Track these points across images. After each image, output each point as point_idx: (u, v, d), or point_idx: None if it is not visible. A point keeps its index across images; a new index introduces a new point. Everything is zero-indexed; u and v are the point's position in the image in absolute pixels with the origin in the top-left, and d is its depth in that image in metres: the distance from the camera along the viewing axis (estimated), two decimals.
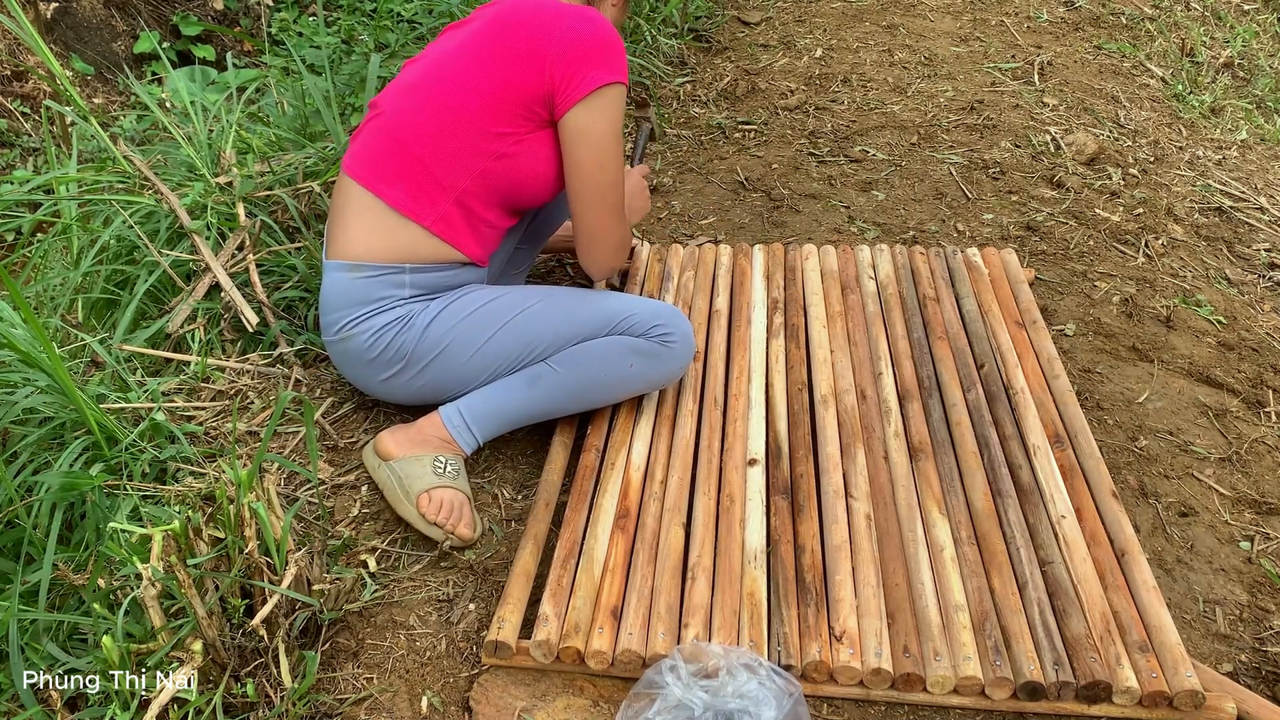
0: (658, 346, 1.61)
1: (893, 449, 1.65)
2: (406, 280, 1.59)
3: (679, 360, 1.64)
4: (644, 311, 1.61)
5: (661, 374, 1.65)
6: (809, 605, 1.37)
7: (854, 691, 1.31)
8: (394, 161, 1.57)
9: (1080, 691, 1.28)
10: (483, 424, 1.61)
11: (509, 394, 1.59)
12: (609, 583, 1.41)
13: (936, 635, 1.33)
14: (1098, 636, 1.33)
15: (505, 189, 1.60)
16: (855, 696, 1.32)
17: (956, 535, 1.49)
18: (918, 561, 1.44)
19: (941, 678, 1.28)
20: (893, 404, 1.74)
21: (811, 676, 1.31)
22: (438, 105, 1.56)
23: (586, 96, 1.51)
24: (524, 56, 1.52)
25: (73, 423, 1.56)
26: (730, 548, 1.46)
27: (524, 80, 1.52)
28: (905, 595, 1.39)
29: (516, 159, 1.57)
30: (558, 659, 1.33)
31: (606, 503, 1.54)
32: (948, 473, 1.61)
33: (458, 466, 1.59)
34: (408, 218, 1.56)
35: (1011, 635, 1.33)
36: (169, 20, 4.37)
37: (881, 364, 1.84)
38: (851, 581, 1.40)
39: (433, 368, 1.60)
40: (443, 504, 1.53)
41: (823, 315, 1.99)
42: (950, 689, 1.29)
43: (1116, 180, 2.64)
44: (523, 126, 1.55)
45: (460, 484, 1.57)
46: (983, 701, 1.30)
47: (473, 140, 1.55)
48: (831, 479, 1.58)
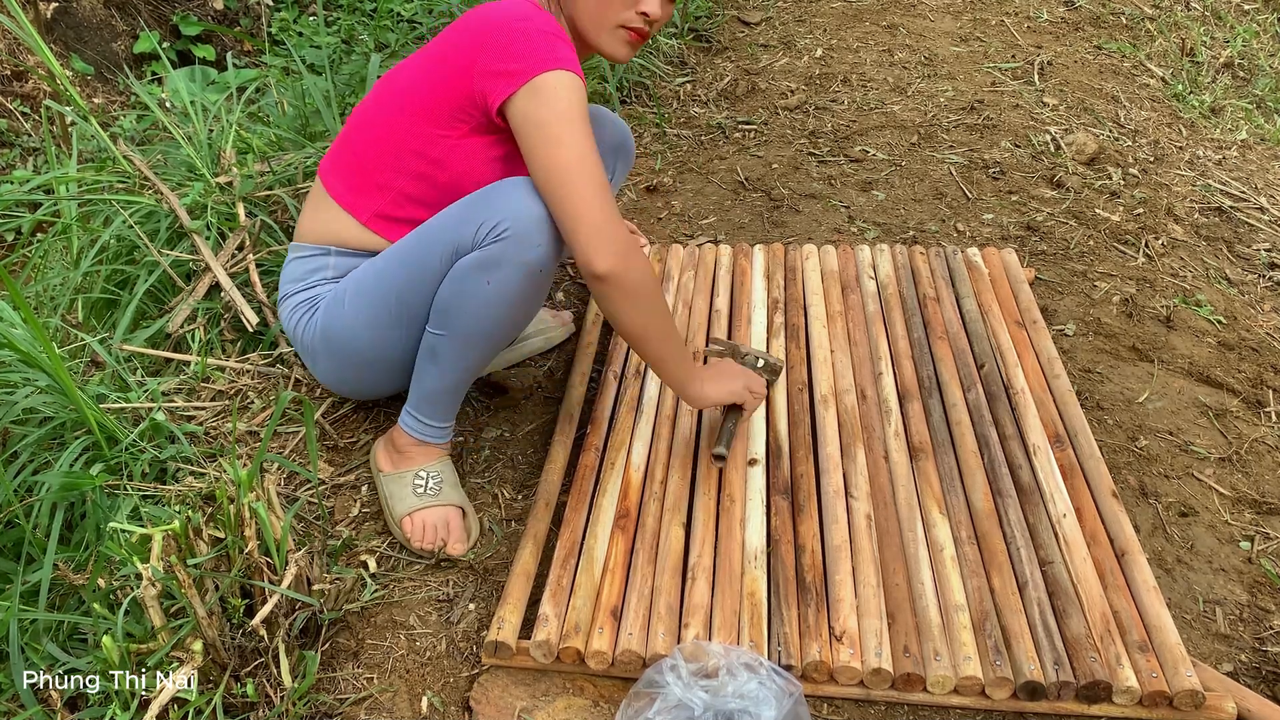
0: (495, 248, 1.37)
1: (893, 449, 1.65)
2: (331, 263, 1.58)
3: (527, 247, 1.37)
4: (467, 221, 1.39)
5: (524, 273, 1.39)
6: (809, 605, 1.37)
7: (854, 691, 1.31)
8: (343, 156, 1.58)
9: (1080, 691, 1.28)
10: (429, 411, 1.54)
11: (424, 377, 1.52)
12: (609, 583, 1.41)
13: (937, 635, 1.33)
14: (1098, 636, 1.33)
15: (442, 190, 1.52)
16: (855, 696, 1.32)
17: (956, 535, 1.49)
18: (918, 561, 1.44)
19: (942, 678, 1.28)
20: (893, 404, 1.74)
21: (812, 677, 1.31)
22: (384, 104, 1.54)
23: (518, 90, 1.37)
24: (452, 55, 1.46)
25: (73, 423, 1.56)
26: (730, 548, 1.46)
27: (453, 80, 1.45)
28: (905, 595, 1.39)
29: (451, 161, 1.49)
30: (558, 659, 1.33)
31: (606, 503, 1.54)
32: (948, 472, 1.61)
33: (440, 478, 1.55)
34: (344, 209, 1.56)
35: (1011, 635, 1.33)
36: (169, 20, 4.37)
37: (882, 364, 1.84)
38: (851, 581, 1.41)
39: (331, 351, 1.56)
40: (425, 528, 1.52)
41: (823, 315, 1.99)
42: (950, 689, 1.29)
43: (1116, 180, 2.64)
44: (458, 129, 1.47)
45: (445, 498, 1.54)
46: (983, 701, 1.30)
47: (410, 140, 1.50)
48: (832, 479, 1.58)
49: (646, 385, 1.80)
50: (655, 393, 1.76)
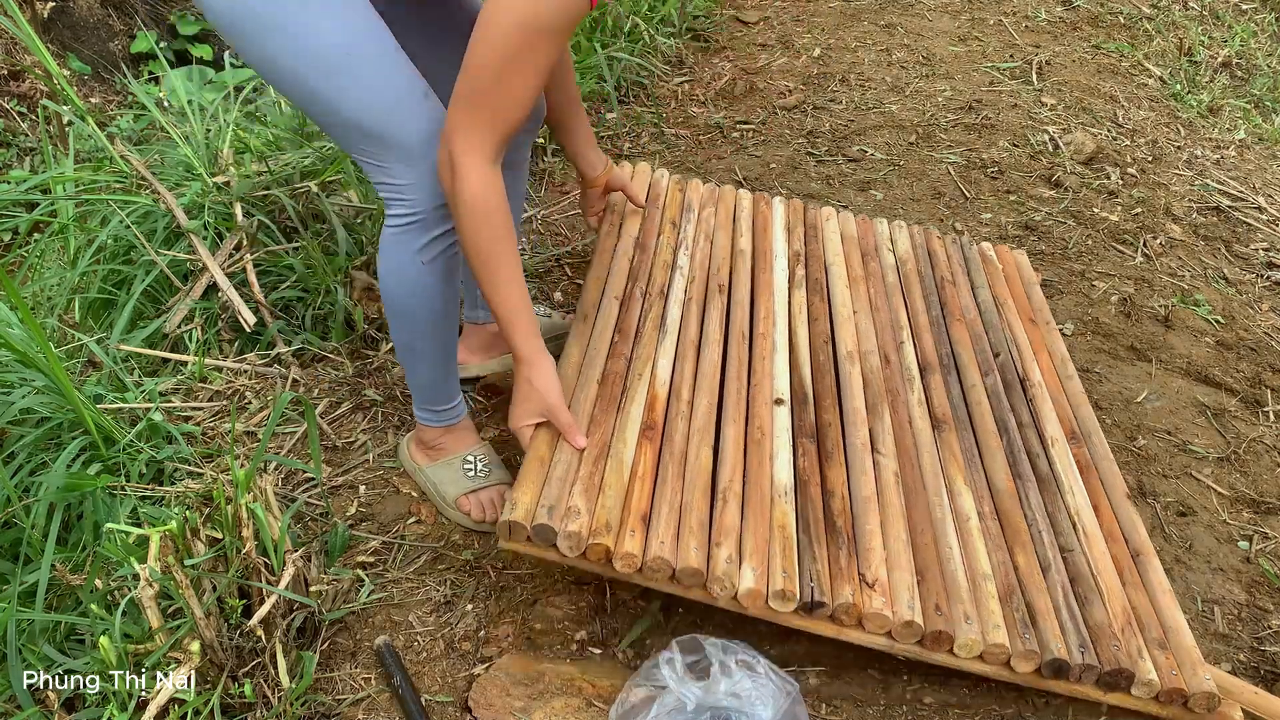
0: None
1: (916, 415, 1.60)
2: None
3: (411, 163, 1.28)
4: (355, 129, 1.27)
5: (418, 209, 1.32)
6: (840, 549, 1.33)
7: (879, 642, 1.28)
8: None
9: (1103, 677, 1.25)
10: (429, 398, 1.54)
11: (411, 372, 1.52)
12: (638, 489, 1.35)
13: (965, 599, 1.30)
14: (1119, 627, 1.31)
15: None
16: (878, 648, 1.28)
17: (980, 509, 1.45)
18: (944, 526, 1.40)
19: (971, 641, 1.25)
20: (914, 373, 1.68)
21: (840, 619, 1.28)
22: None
23: None
24: None
25: (70, 423, 1.56)
26: (760, 479, 1.41)
27: None
28: (934, 556, 1.36)
29: None
30: (584, 556, 1.27)
31: (634, 411, 1.47)
32: (968, 448, 1.56)
33: (488, 460, 1.59)
34: None
35: (1037, 612, 1.30)
36: (166, 19, 4.36)
37: (903, 334, 1.78)
38: (881, 534, 1.36)
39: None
40: (484, 506, 1.56)
41: (844, 276, 1.89)
42: (976, 654, 1.26)
43: (1115, 180, 2.64)
44: None
45: (495, 478, 1.59)
46: (1002, 672, 1.27)
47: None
48: (859, 432, 1.53)
49: (669, 307, 1.70)
50: (677, 314, 1.68)
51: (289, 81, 1.27)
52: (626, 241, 1.83)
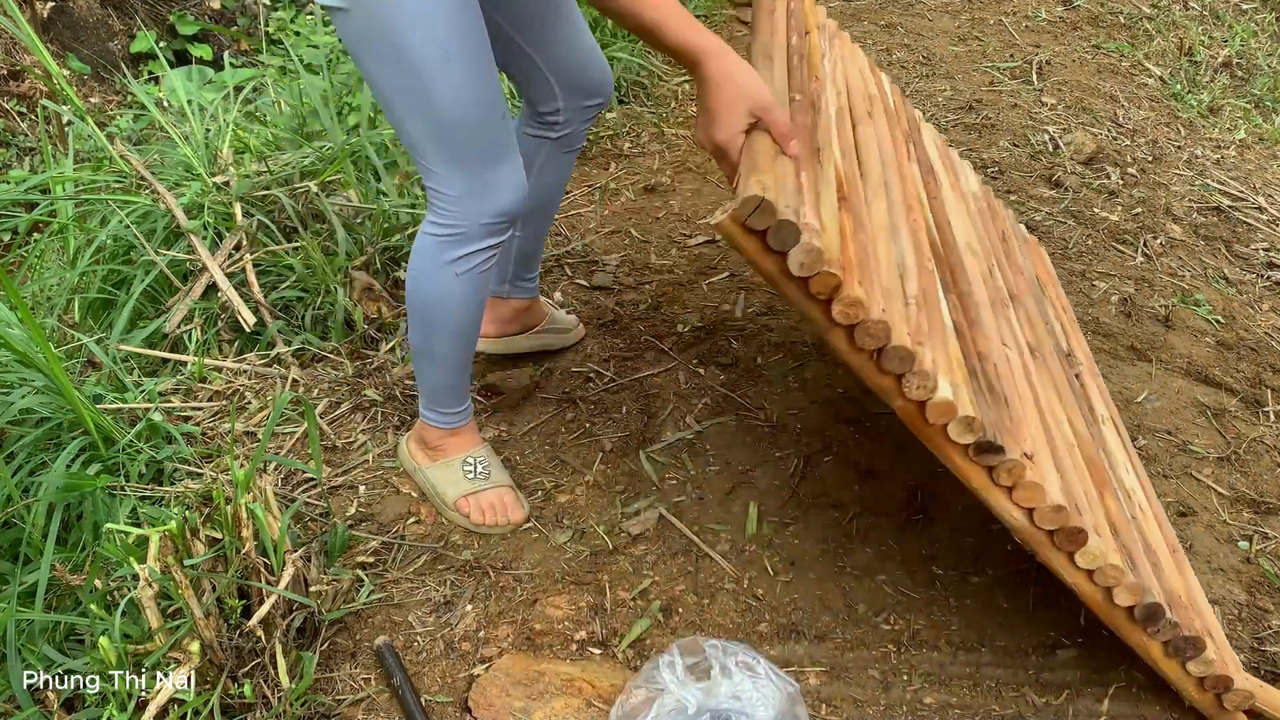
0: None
1: (1020, 332, 1.51)
2: None
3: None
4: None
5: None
6: (1002, 412, 1.23)
7: (1015, 515, 1.19)
8: None
9: (1177, 641, 1.22)
10: (440, 401, 1.54)
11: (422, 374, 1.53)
12: (846, 246, 1.20)
13: (1095, 510, 1.25)
14: (1186, 601, 1.29)
15: None
16: (1010, 523, 1.20)
17: (1068, 440, 1.38)
18: (1058, 439, 1.33)
19: (1098, 552, 1.18)
20: (1006, 296, 1.59)
21: (999, 475, 1.18)
22: None
23: None
24: None
25: (69, 423, 1.56)
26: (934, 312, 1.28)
27: None
28: (1062, 459, 1.30)
29: None
30: (805, 280, 1.08)
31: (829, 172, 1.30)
32: (1058, 380, 1.50)
33: (488, 462, 1.59)
34: None
35: (1132, 557, 1.25)
36: (166, 19, 4.36)
37: (992, 259, 1.66)
38: (1026, 418, 1.28)
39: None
40: (484, 507, 1.56)
41: (947, 182, 1.73)
42: (1096, 565, 1.19)
43: (1115, 180, 2.64)
44: None
45: (495, 480, 1.58)
46: (1097, 597, 1.21)
47: None
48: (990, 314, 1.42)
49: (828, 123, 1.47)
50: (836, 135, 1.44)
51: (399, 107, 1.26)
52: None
